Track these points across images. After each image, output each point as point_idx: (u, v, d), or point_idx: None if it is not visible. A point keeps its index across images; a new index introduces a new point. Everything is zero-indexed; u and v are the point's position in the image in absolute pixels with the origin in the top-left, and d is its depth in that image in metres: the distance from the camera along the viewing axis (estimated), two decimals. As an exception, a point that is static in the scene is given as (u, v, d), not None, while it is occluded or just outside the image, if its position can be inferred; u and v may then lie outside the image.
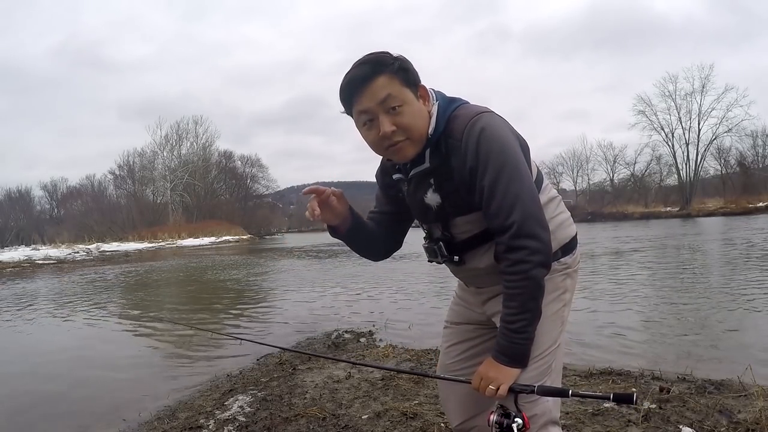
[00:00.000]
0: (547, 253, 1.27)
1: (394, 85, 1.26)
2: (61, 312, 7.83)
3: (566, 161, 52.65)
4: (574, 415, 2.58)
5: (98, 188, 54.72)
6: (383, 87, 1.26)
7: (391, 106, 1.26)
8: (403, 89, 1.28)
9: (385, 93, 1.26)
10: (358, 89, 1.27)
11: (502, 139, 1.26)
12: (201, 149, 52.64)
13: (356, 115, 1.32)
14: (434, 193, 1.35)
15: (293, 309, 6.56)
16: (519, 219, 1.23)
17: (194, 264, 17.27)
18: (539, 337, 1.36)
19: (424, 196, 1.37)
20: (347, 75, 1.29)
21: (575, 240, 1.48)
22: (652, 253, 12.07)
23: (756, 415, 2.39)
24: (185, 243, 33.45)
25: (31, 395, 3.80)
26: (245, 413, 2.96)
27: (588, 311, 5.71)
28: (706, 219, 31.65)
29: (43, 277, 14.84)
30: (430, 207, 1.38)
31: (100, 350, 5.31)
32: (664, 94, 42.94)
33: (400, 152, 1.31)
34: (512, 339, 1.28)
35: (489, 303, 1.48)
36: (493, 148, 1.24)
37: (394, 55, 1.29)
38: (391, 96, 1.26)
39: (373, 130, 1.29)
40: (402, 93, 1.27)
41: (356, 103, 1.29)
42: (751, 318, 5.02)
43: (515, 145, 1.29)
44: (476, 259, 1.40)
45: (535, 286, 1.26)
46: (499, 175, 1.24)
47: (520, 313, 1.26)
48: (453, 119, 1.31)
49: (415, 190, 1.40)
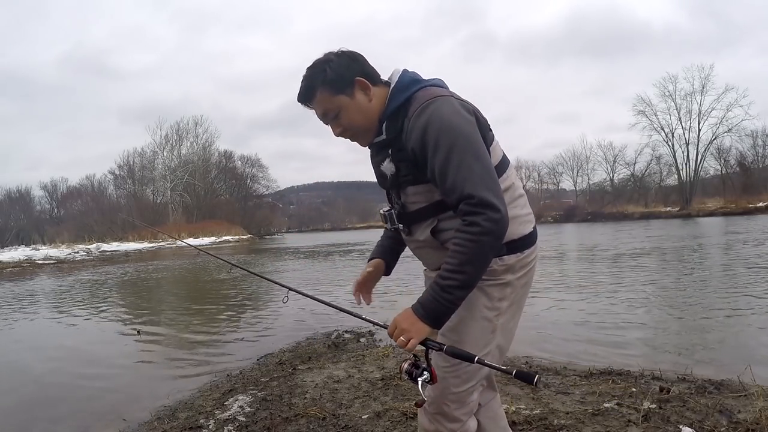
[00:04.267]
0: (502, 224, 1.28)
1: (326, 99, 1.43)
2: (60, 312, 7.82)
3: (566, 161, 52.67)
4: (574, 415, 2.58)
5: (98, 188, 54.71)
6: (318, 104, 1.45)
7: (330, 117, 1.46)
8: (335, 98, 1.43)
9: (321, 109, 1.45)
10: (304, 104, 1.47)
11: (452, 121, 1.32)
12: (201, 149, 52.59)
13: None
14: (390, 162, 1.45)
15: (293, 308, 6.55)
16: (474, 190, 1.27)
17: (194, 264, 17.27)
18: (464, 337, 1.40)
19: (381, 164, 1.49)
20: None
21: (527, 240, 1.47)
22: (652, 254, 12.07)
23: (756, 415, 2.39)
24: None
25: (31, 395, 3.81)
26: (245, 413, 2.96)
27: (588, 311, 5.72)
28: (706, 219, 31.63)
29: (43, 277, 14.83)
30: (385, 175, 1.49)
31: (100, 350, 5.31)
32: (664, 94, 42.90)
33: (357, 143, 1.52)
34: (436, 295, 1.29)
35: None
36: (443, 129, 1.31)
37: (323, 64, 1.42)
38: (327, 109, 1.45)
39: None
40: (335, 102, 1.43)
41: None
42: (751, 318, 5.01)
43: (466, 124, 1.34)
44: (419, 231, 1.48)
45: (478, 251, 1.27)
46: (450, 153, 1.29)
47: (454, 272, 1.28)
48: (412, 99, 1.40)
49: (375, 157, 1.53)
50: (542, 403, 2.80)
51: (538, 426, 2.48)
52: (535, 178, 54.84)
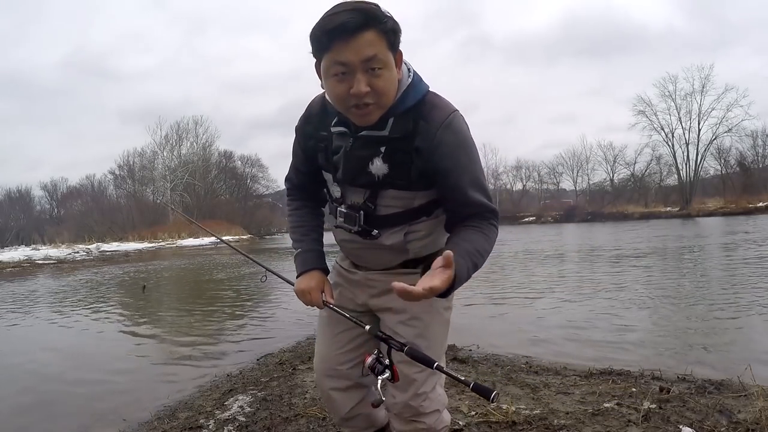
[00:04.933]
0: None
1: (381, 44, 1.19)
2: (60, 312, 7.82)
3: (566, 161, 52.69)
4: (574, 415, 2.58)
5: (98, 188, 54.74)
6: (371, 44, 1.17)
7: (372, 67, 1.19)
8: (387, 52, 1.21)
9: (371, 52, 1.17)
10: (341, 37, 1.16)
11: (472, 140, 1.36)
12: (201, 149, 52.56)
13: (329, 62, 1.21)
14: (383, 162, 1.31)
15: (294, 308, 6.55)
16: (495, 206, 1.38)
17: (194, 264, 17.27)
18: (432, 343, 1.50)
19: (369, 161, 1.32)
20: (331, 18, 1.16)
21: None
22: (652, 254, 12.07)
23: (756, 415, 2.38)
24: (185, 243, 33.41)
25: (31, 395, 3.80)
26: (245, 413, 2.96)
27: (588, 311, 5.72)
28: (706, 219, 31.63)
29: (43, 277, 14.84)
30: (369, 173, 1.33)
31: (100, 350, 5.31)
32: (664, 94, 43.01)
33: (365, 116, 1.25)
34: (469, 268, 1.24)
35: (382, 298, 1.52)
36: (472, 148, 1.35)
37: (380, 9, 1.19)
38: (376, 57, 1.18)
39: (344, 84, 1.21)
40: (386, 56, 1.20)
41: (335, 51, 1.18)
42: (751, 318, 5.01)
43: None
44: (387, 236, 1.41)
45: (491, 247, 1.35)
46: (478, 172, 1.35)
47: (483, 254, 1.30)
48: (429, 104, 1.30)
49: (358, 150, 1.33)
50: (542, 403, 2.80)
51: (538, 426, 2.48)
52: (535, 178, 54.95)
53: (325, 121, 1.39)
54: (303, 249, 1.55)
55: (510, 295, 7.21)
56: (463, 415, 2.63)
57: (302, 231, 1.57)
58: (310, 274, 1.52)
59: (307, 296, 1.48)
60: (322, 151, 1.43)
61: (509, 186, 54.79)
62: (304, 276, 1.52)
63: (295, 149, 1.53)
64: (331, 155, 1.40)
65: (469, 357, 3.93)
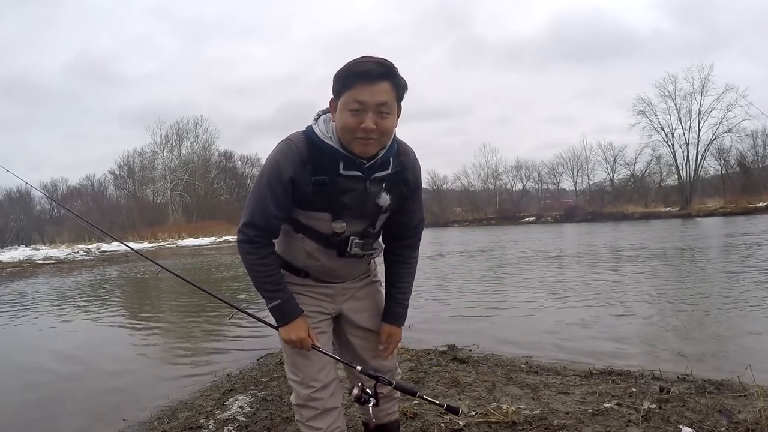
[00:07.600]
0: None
1: (392, 95, 1.47)
2: (60, 312, 7.83)
3: (566, 161, 52.54)
4: (574, 415, 2.58)
5: (98, 188, 54.72)
6: (385, 92, 1.45)
7: (382, 111, 1.45)
8: (395, 102, 1.49)
9: (384, 98, 1.45)
10: (364, 81, 1.42)
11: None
12: (201, 149, 52.53)
13: (349, 98, 1.45)
14: (387, 194, 1.60)
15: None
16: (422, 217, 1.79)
17: (194, 264, 17.27)
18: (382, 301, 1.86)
19: (377, 197, 1.59)
20: (358, 64, 1.44)
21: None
22: (652, 254, 12.07)
23: (756, 415, 2.38)
24: (185, 243, 33.42)
25: (31, 395, 3.81)
26: (245, 413, 2.96)
27: (588, 311, 5.72)
28: (706, 219, 31.62)
29: (44, 277, 14.83)
30: (376, 204, 1.60)
31: (100, 350, 5.31)
32: (663, 94, 42.82)
33: (367, 147, 1.49)
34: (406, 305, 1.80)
35: (348, 302, 1.80)
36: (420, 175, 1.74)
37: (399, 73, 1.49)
38: (387, 103, 1.46)
39: (356, 119, 1.45)
40: (394, 104, 1.49)
41: (356, 90, 1.43)
42: (751, 318, 5.02)
43: None
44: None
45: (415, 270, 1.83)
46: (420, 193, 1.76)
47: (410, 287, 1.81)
48: (401, 144, 1.64)
49: (372, 189, 1.58)
50: (542, 403, 2.80)
51: (538, 426, 2.48)
52: (535, 178, 54.75)
53: (326, 166, 1.53)
54: (283, 299, 1.65)
55: (510, 295, 7.21)
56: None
57: (275, 280, 1.65)
58: (295, 323, 1.65)
59: (299, 345, 1.66)
60: (322, 194, 1.54)
61: (509, 186, 54.64)
62: (290, 325, 1.65)
63: (274, 194, 1.54)
64: (338, 196, 1.56)
65: (469, 357, 3.92)
